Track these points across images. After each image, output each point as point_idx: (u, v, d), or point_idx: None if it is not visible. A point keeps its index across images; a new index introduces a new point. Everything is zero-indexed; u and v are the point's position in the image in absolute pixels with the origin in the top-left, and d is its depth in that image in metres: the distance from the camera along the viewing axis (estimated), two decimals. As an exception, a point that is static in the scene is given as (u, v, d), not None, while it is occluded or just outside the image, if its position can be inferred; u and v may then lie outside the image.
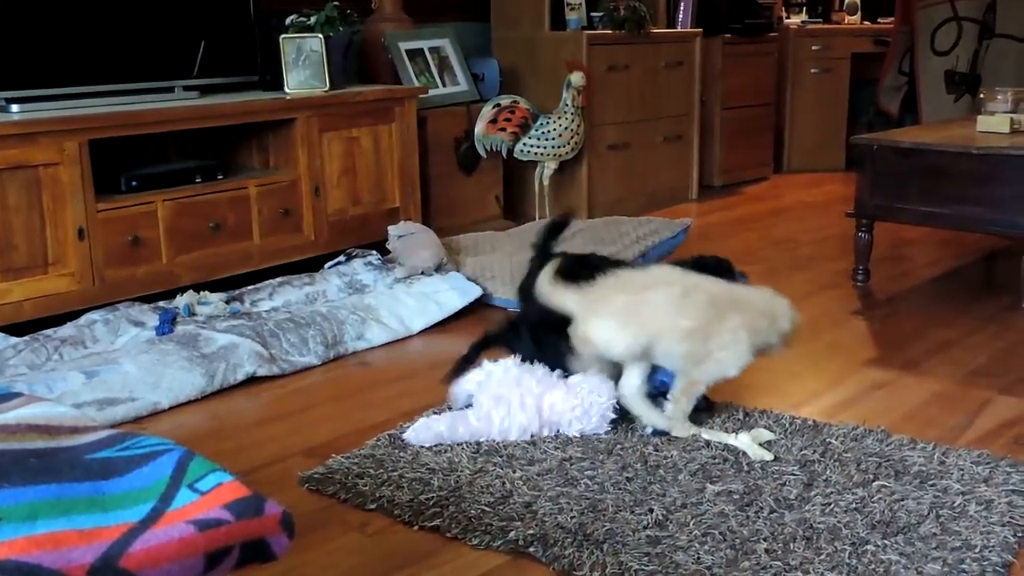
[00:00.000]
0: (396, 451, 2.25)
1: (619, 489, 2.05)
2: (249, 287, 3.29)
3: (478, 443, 2.27)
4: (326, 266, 3.47)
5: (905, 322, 3.23)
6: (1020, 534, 1.88)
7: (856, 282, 3.63)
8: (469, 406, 2.36)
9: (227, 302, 3.13)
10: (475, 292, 3.28)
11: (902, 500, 2.00)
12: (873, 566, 1.77)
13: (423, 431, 2.29)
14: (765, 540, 1.85)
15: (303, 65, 3.68)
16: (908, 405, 2.53)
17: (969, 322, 3.20)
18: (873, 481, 2.07)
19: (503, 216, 4.55)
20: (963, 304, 3.41)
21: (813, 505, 1.98)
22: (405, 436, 2.30)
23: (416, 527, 1.95)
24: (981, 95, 4.20)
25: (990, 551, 1.81)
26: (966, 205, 3.38)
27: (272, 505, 0.90)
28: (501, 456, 2.21)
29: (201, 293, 3.14)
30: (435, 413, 2.42)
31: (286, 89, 3.67)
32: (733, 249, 4.27)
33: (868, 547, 1.83)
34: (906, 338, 3.06)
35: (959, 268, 3.94)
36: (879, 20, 6.43)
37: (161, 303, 3.12)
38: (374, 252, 3.53)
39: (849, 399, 2.58)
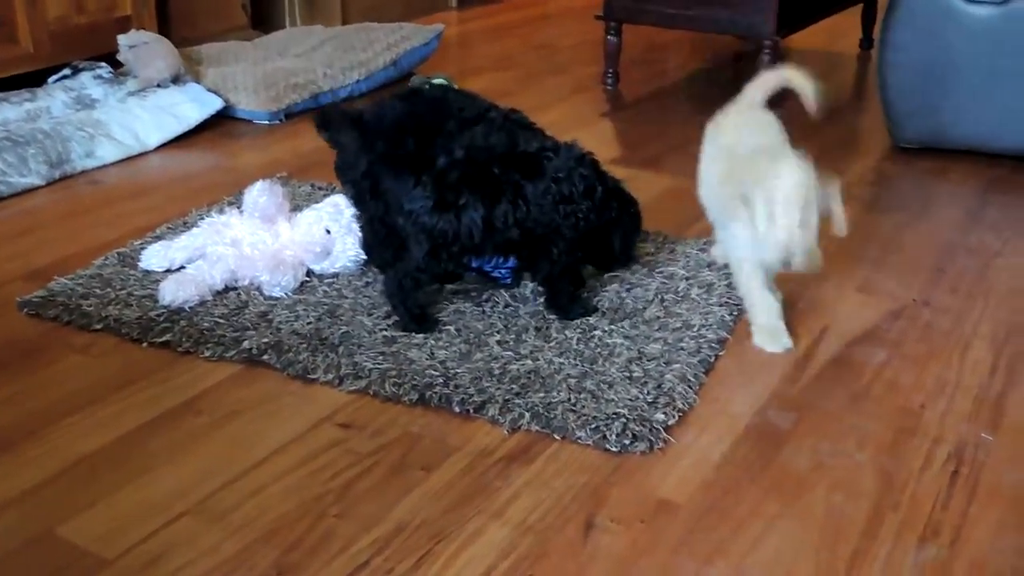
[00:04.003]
0: (126, 269, 2.14)
1: (357, 293, 2.04)
2: (-40, 105, 2.98)
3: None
4: (50, 80, 3.18)
5: (649, 123, 3.31)
6: (735, 312, 2.01)
7: (606, 85, 3.67)
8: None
9: (-67, 121, 2.83)
10: (216, 104, 3.10)
11: (631, 288, 2.08)
12: (599, 349, 1.85)
13: (154, 257, 2.15)
14: (498, 333, 1.90)
15: None
16: (644, 199, 2.58)
17: (707, 121, 3.31)
18: (605, 273, 2.14)
19: (251, 26, 4.29)
20: (705, 105, 3.48)
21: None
22: (141, 264, 2.15)
23: (145, 344, 1.88)
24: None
25: (707, 329, 1.93)
26: (709, 7, 3.44)
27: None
28: (238, 268, 2.14)
29: (-101, 112, 2.83)
30: (168, 229, 2.31)
31: None
32: (491, 54, 4.23)
33: (596, 332, 1.90)
34: (648, 137, 3.15)
35: (706, 71, 4.05)
36: None
37: None
38: (104, 64, 3.25)
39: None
